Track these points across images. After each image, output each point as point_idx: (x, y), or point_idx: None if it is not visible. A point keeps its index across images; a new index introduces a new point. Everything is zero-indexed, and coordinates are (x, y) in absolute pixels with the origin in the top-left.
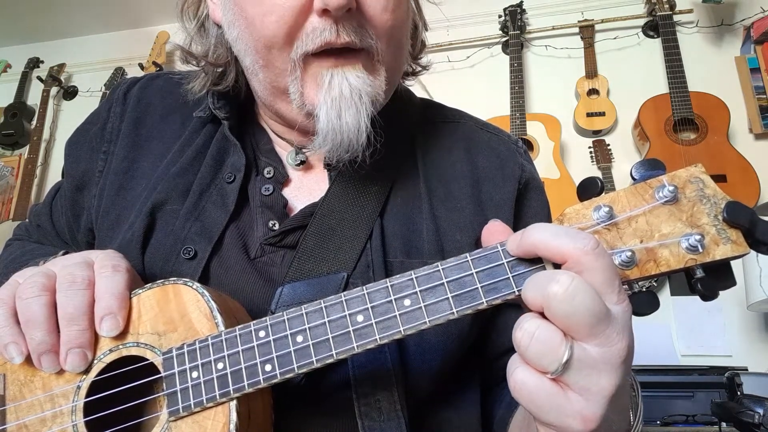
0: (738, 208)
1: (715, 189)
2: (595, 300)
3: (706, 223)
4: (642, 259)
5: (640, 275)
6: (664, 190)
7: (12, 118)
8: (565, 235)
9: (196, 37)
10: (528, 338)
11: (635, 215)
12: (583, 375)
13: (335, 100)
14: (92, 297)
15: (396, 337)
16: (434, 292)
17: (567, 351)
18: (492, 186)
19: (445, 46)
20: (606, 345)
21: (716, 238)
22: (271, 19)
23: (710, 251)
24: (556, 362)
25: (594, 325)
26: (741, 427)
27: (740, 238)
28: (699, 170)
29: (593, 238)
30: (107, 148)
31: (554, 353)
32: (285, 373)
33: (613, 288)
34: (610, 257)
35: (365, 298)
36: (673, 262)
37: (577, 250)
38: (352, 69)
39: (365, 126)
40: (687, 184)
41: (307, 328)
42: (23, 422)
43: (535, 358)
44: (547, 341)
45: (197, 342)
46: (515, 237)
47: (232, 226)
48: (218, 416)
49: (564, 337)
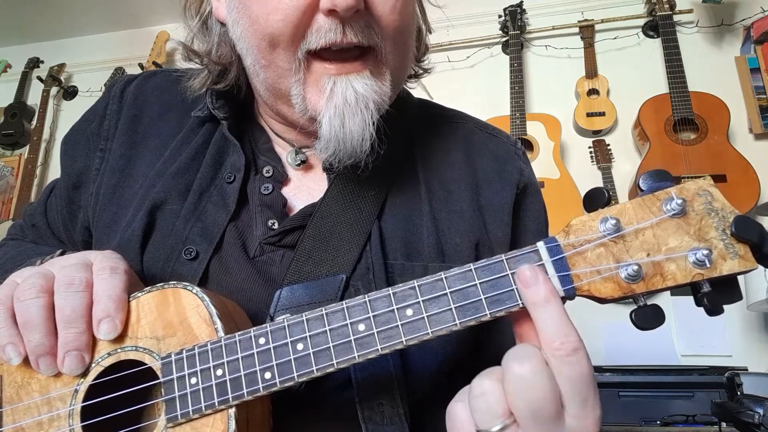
0: (746, 222)
1: (724, 202)
2: (544, 402)
3: (714, 237)
4: (648, 273)
5: (646, 289)
6: (672, 203)
7: (12, 118)
8: (549, 320)
9: (199, 34)
10: (479, 390)
11: (642, 228)
12: None
13: (338, 108)
14: (90, 299)
15: (398, 347)
16: (437, 302)
17: (498, 424)
18: (491, 190)
19: (445, 46)
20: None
21: (724, 252)
22: (276, 17)
23: (717, 266)
24: (485, 425)
25: (532, 423)
26: (741, 427)
27: (748, 253)
28: (707, 183)
29: (573, 341)
30: (104, 146)
31: (489, 420)
32: (285, 381)
33: (578, 403)
34: (588, 368)
35: (367, 306)
36: (680, 276)
37: (549, 344)
38: (358, 76)
39: (370, 134)
40: (695, 197)
41: (307, 336)
42: (20, 425)
43: (474, 409)
44: (490, 406)
45: (196, 348)
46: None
47: (231, 225)
48: (216, 424)
49: (507, 413)
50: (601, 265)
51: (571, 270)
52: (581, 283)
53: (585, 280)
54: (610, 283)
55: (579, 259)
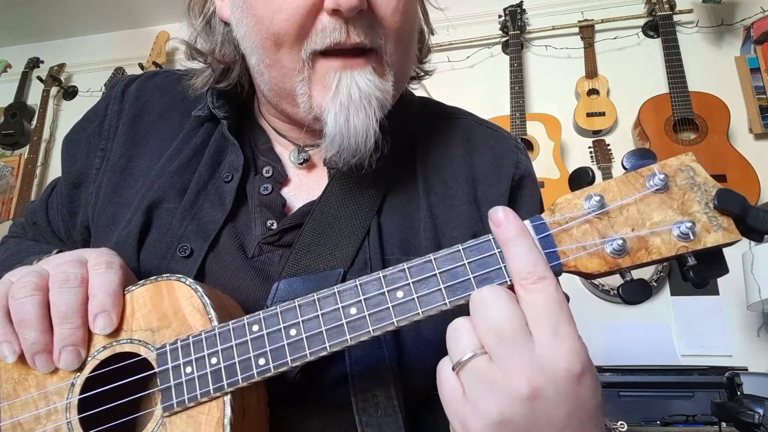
0: (729, 195)
1: (706, 177)
2: (506, 323)
3: (697, 211)
4: (634, 248)
5: (632, 263)
6: (655, 178)
7: (12, 118)
8: (518, 254)
9: (202, 34)
10: (452, 328)
11: (626, 204)
12: (476, 386)
13: (343, 104)
14: (85, 295)
15: (389, 328)
16: (427, 283)
17: (468, 353)
18: (487, 185)
19: (445, 46)
20: (506, 372)
21: (707, 225)
22: (281, 17)
23: (702, 239)
24: (456, 357)
25: (496, 345)
26: (741, 427)
27: (732, 225)
28: (689, 158)
29: (540, 271)
30: (104, 146)
31: (458, 349)
32: (279, 366)
33: (547, 330)
34: (557, 296)
35: (358, 290)
36: (664, 249)
37: (518, 276)
38: (361, 71)
39: (374, 131)
40: (677, 172)
41: (300, 321)
42: (17, 420)
43: (449, 348)
44: (460, 340)
45: (191, 337)
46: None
47: (229, 225)
48: (212, 411)
49: (478, 344)
50: (587, 241)
51: (557, 247)
52: (567, 259)
53: (571, 256)
54: (596, 258)
55: (565, 236)
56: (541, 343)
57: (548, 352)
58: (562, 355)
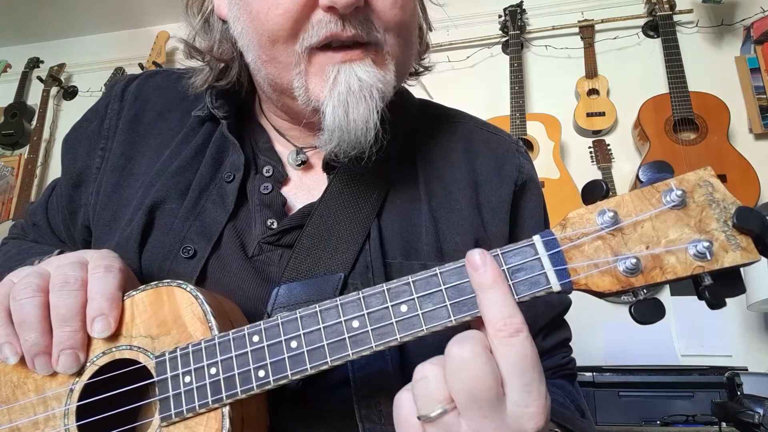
0: (748, 213)
1: (725, 193)
2: (482, 384)
3: (715, 229)
4: (647, 266)
5: (645, 282)
6: (672, 194)
7: (12, 118)
8: (494, 302)
9: (201, 32)
10: (420, 375)
11: (641, 220)
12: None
13: (342, 96)
14: (85, 298)
15: (392, 344)
16: (432, 299)
17: (438, 408)
18: (489, 189)
19: (445, 46)
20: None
21: (725, 244)
22: (277, 12)
23: (719, 258)
24: (425, 410)
25: (468, 407)
26: (741, 427)
27: (750, 244)
28: (708, 173)
29: (516, 323)
30: (104, 145)
31: (429, 405)
32: (278, 379)
33: (520, 387)
34: (531, 352)
35: (361, 303)
36: (680, 269)
37: (492, 326)
38: (361, 63)
39: (374, 123)
40: (696, 187)
41: (301, 333)
42: (15, 425)
43: (416, 395)
44: (430, 391)
45: (190, 346)
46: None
47: (230, 224)
48: (210, 423)
49: (448, 398)
50: (599, 259)
51: (568, 264)
52: (578, 277)
53: (582, 274)
54: (608, 276)
55: (576, 253)
56: (513, 402)
57: (519, 411)
58: (533, 417)
